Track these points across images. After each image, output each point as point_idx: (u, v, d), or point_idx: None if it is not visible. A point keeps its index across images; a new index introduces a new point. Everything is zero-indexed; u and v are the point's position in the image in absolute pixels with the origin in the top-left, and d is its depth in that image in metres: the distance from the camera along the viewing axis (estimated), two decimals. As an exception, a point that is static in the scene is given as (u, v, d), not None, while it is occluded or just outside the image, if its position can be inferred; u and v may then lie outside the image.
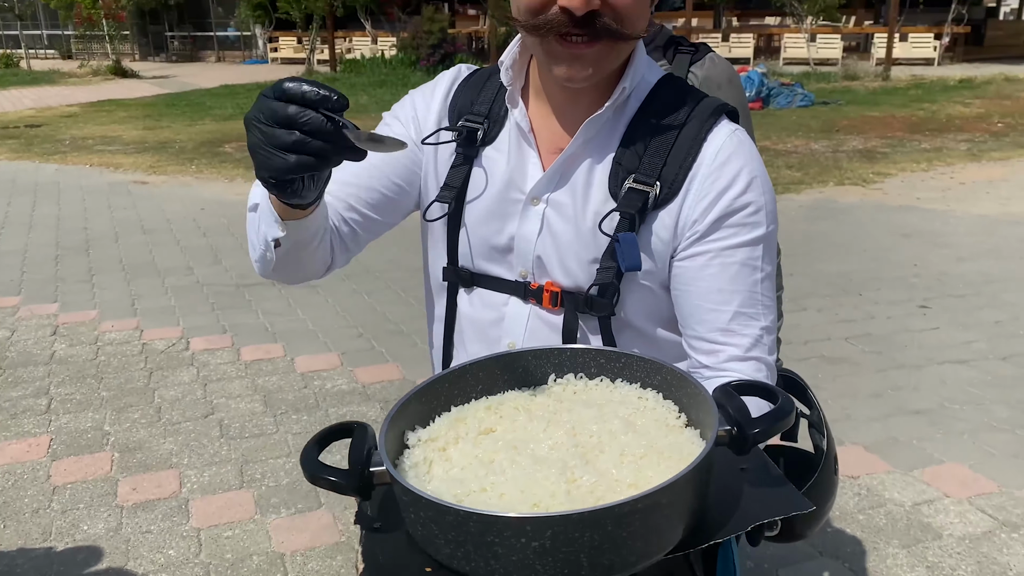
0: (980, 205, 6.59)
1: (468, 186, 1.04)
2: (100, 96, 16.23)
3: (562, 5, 0.86)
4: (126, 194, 7.46)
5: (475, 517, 0.61)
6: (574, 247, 0.99)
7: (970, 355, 3.80)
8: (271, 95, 0.72)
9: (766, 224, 0.97)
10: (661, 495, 0.61)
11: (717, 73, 1.52)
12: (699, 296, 0.97)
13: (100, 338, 4.13)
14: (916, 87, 15.37)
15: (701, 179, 0.95)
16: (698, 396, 0.74)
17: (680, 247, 0.97)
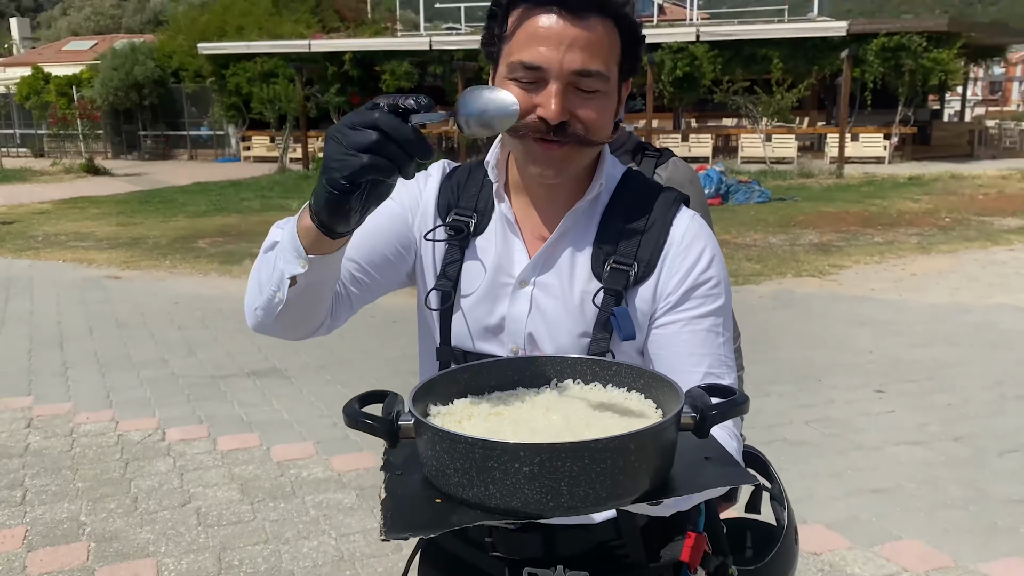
0: (930, 295, 6.90)
1: (462, 274, 1.16)
2: (72, 193, 16.39)
3: (540, 115, 1.01)
4: (100, 289, 7.53)
5: (480, 443, 0.76)
6: (564, 322, 1.12)
7: (925, 437, 3.96)
8: (360, 109, 0.84)
9: (725, 296, 1.13)
10: (629, 440, 0.76)
11: (679, 175, 1.70)
12: (674, 359, 1.11)
13: (75, 430, 4.15)
14: (868, 184, 16.10)
15: (672, 258, 1.10)
16: (672, 391, 0.89)
17: (656, 316, 1.11)
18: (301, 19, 29.38)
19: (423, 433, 0.82)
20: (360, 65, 24.11)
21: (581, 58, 1.00)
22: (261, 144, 26.09)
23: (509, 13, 1.04)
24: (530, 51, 1.00)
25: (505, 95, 0.89)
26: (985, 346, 5.43)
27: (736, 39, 21.67)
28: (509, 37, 1.04)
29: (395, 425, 0.83)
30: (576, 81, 1.01)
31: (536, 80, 1.01)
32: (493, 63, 1.09)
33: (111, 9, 54.94)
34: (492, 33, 1.07)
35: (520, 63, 1.01)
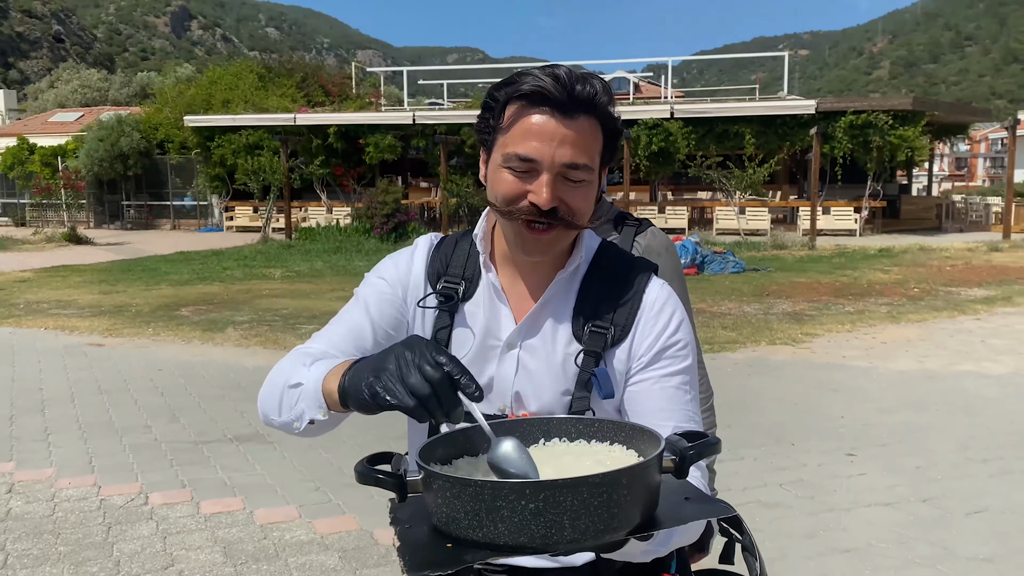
0: (900, 362, 7.09)
1: (452, 340, 1.27)
2: (54, 262, 16.43)
3: (532, 200, 1.14)
4: (82, 356, 7.56)
5: (488, 485, 0.85)
6: (548, 382, 1.23)
7: (894, 498, 4.08)
8: (430, 351, 0.94)
9: (692, 356, 1.26)
10: (621, 475, 0.86)
11: (657, 243, 1.83)
12: (647, 414, 1.22)
13: (57, 495, 4.16)
14: (839, 255, 16.51)
15: (644, 322, 1.23)
16: (652, 439, 0.99)
17: (630, 375, 1.24)
18: (287, 93, 30.05)
19: (434, 483, 0.89)
20: (344, 138, 24.62)
21: (570, 153, 1.13)
22: (244, 214, 26.35)
23: (506, 108, 1.16)
24: (525, 144, 1.13)
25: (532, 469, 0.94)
26: (952, 411, 5.60)
27: (709, 116, 22.43)
28: (505, 129, 1.16)
29: (404, 480, 0.91)
30: (565, 172, 1.14)
31: (529, 170, 1.14)
32: (486, 149, 1.22)
33: (98, 82, 55.82)
34: (487, 123, 1.19)
35: (515, 155, 1.13)
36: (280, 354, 7.68)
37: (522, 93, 1.14)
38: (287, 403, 1.13)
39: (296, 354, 1.22)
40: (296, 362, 1.17)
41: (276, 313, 9.84)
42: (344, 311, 1.31)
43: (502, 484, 0.85)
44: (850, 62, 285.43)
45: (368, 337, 1.26)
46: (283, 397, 1.14)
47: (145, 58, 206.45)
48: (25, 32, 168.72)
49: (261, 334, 8.48)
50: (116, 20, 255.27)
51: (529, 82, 1.13)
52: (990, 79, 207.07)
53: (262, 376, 1.03)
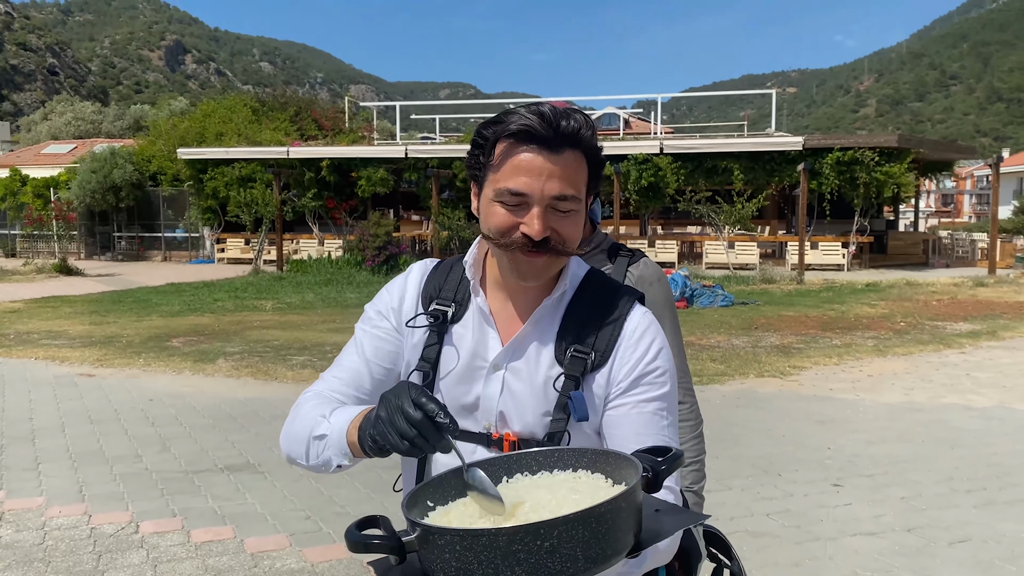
0: (886, 395, 7.17)
1: (441, 357, 1.34)
2: (45, 293, 16.41)
3: (524, 231, 1.21)
4: (72, 386, 7.56)
5: (504, 532, 0.87)
6: (530, 403, 1.28)
7: (879, 528, 4.13)
8: (411, 395, 1.02)
9: (670, 383, 1.31)
10: (622, 499, 0.90)
11: (649, 273, 1.91)
12: (623, 437, 1.27)
13: (47, 523, 4.17)
14: (827, 290, 16.67)
15: (624, 349, 1.28)
16: (618, 459, 1.02)
17: (609, 400, 1.29)
18: (280, 127, 30.27)
19: (439, 539, 0.89)
20: (337, 171, 24.79)
21: (558, 186, 1.21)
22: (235, 246, 26.39)
23: (496, 146, 1.24)
24: (515, 180, 1.21)
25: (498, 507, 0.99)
26: (937, 443, 5.66)
27: (698, 152, 22.73)
28: (496, 167, 1.24)
29: (400, 540, 0.94)
30: (554, 204, 1.22)
31: (520, 203, 1.21)
32: (477, 184, 1.30)
33: (92, 114, 56.08)
34: (478, 160, 1.27)
35: (507, 190, 1.21)
36: (271, 385, 7.65)
37: (510, 132, 1.21)
38: (314, 452, 1.24)
39: (314, 402, 1.32)
40: (316, 411, 1.27)
41: (267, 344, 9.86)
42: (344, 352, 1.42)
43: (517, 529, 0.86)
44: (837, 100, 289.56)
45: (365, 379, 1.36)
46: (309, 447, 1.25)
47: (139, 91, 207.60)
48: (20, 64, 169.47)
49: (252, 365, 8.50)
50: (111, 53, 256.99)
51: (516, 121, 1.21)
52: (974, 117, 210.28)
53: (253, 407, 1.08)
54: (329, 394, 1.34)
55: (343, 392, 1.35)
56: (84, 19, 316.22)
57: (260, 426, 6.09)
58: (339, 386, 1.35)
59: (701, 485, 1.89)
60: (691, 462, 1.87)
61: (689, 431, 1.89)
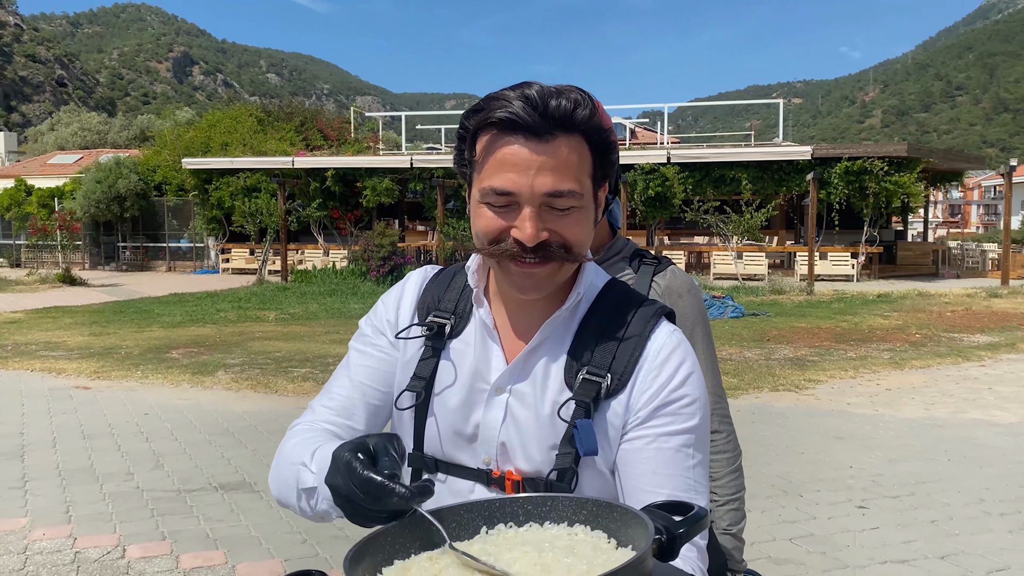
0: (906, 410, 6.92)
1: (436, 376, 1.13)
2: (47, 303, 16.26)
3: (515, 236, 1.01)
4: (67, 399, 7.35)
5: None
6: (535, 434, 1.07)
7: (911, 555, 3.88)
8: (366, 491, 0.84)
9: (700, 415, 1.08)
10: (624, 572, 0.70)
11: (678, 283, 1.67)
12: (637, 478, 1.05)
13: (29, 547, 3.95)
14: (838, 301, 16.41)
15: (645, 372, 1.06)
16: (625, 515, 0.82)
17: (625, 431, 1.06)
18: (285, 137, 30.21)
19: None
20: (342, 181, 24.66)
21: (551, 180, 1.00)
22: (240, 256, 26.27)
23: (476, 139, 1.05)
24: (500, 177, 1.01)
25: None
26: (964, 461, 5.42)
27: (706, 161, 22.53)
28: (479, 163, 1.04)
29: None
30: (549, 202, 1.01)
31: (509, 204, 1.01)
32: (468, 184, 1.09)
33: (98, 125, 56.25)
34: (462, 155, 1.08)
35: (491, 189, 1.01)
36: (271, 399, 7.45)
37: (491, 121, 1.01)
38: (307, 505, 1.06)
39: (296, 440, 1.13)
40: (298, 457, 1.08)
41: (268, 356, 9.65)
42: (334, 377, 1.23)
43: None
44: (843, 110, 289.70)
45: (358, 408, 1.18)
46: (300, 499, 1.07)
47: (147, 102, 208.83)
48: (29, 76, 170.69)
49: (252, 377, 8.29)
50: (119, 65, 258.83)
51: (498, 108, 1.01)
52: (981, 128, 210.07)
53: (251, 421, 0.92)
54: (319, 426, 1.15)
55: (334, 423, 1.16)
56: (93, 31, 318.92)
57: (258, 442, 5.88)
58: (330, 416, 1.17)
59: (741, 527, 1.66)
60: (728, 500, 1.65)
61: (726, 464, 1.66)
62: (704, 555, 1.07)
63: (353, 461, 0.85)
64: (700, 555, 1.06)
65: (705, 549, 1.09)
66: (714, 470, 1.66)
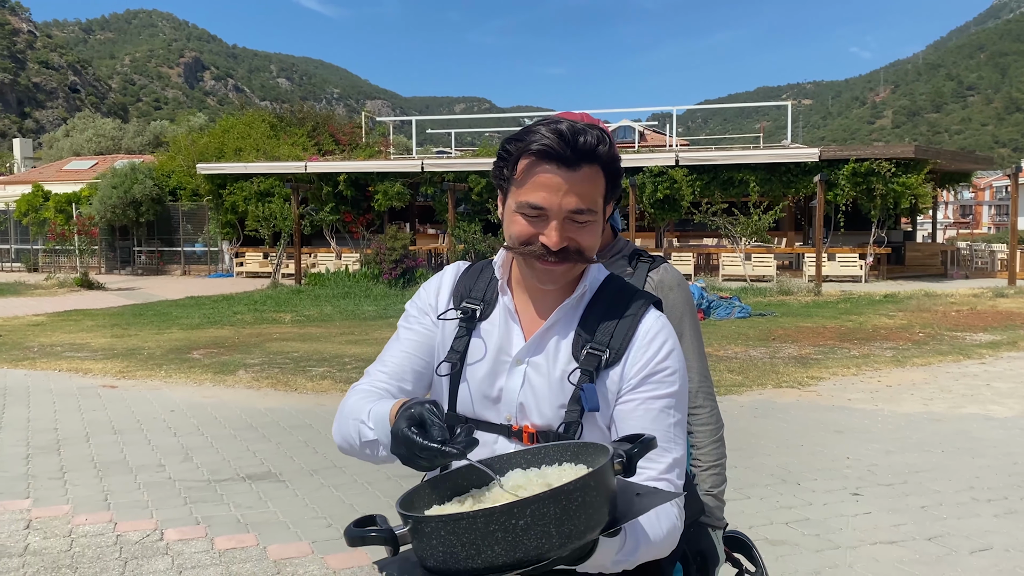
0: (905, 405, 7.14)
1: (468, 351, 1.43)
2: (67, 306, 16.62)
3: (543, 242, 1.31)
4: (96, 397, 7.66)
5: (480, 513, 0.95)
6: (547, 395, 1.37)
7: (900, 536, 4.12)
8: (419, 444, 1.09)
9: (679, 383, 1.38)
10: (590, 478, 0.97)
11: (669, 278, 1.93)
12: (629, 430, 1.33)
13: (74, 531, 4.24)
14: (845, 301, 16.58)
15: (636, 348, 1.36)
16: (596, 449, 1.10)
17: (620, 395, 1.36)
18: (298, 142, 30.55)
19: (426, 527, 0.98)
20: (354, 185, 24.98)
21: (575, 200, 1.30)
22: (254, 260, 26.61)
23: (518, 162, 1.33)
24: (535, 195, 1.30)
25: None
26: (957, 453, 5.64)
27: (714, 163, 22.72)
28: (518, 181, 1.33)
29: (395, 533, 1.04)
30: (572, 217, 1.31)
31: (539, 215, 1.31)
32: (502, 193, 1.39)
33: (112, 131, 56.82)
34: (502, 172, 1.37)
35: (527, 203, 1.31)
36: (291, 396, 7.73)
37: (531, 150, 1.30)
38: (370, 452, 1.33)
39: (354, 399, 1.41)
40: (357, 414, 1.35)
41: (287, 356, 9.95)
42: (387, 348, 1.52)
43: (492, 509, 0.95)
44: (853, 111, 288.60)
45: (407, 372, 1.46)
46: (364, 449, 1.33)
47: (158, 108, 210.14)
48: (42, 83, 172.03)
49: (272, 376, 8.58)
50: (130, 71, 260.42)
51: (537, 140, 1.30)
52: (992, 128, 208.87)
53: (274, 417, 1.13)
54: (373, 388, 1.43)
55: (388, 384, 1.44)
56: (105, 37, 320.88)
57: (281, 436, 6.16)
58: (384, 379, 1.45)
59: (721, 489, 1.91)
60: (711, 466, 1.90)
61: (709, 435, 1.92)
62: (677, 489, 1.35)
63: (411, 435, 1.12)
64: (671, 486, 1.33)
65: (677, 486, 1.35)
66: (699, 439, 1.92)
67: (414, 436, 1.11)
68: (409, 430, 1.12)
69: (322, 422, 6.57)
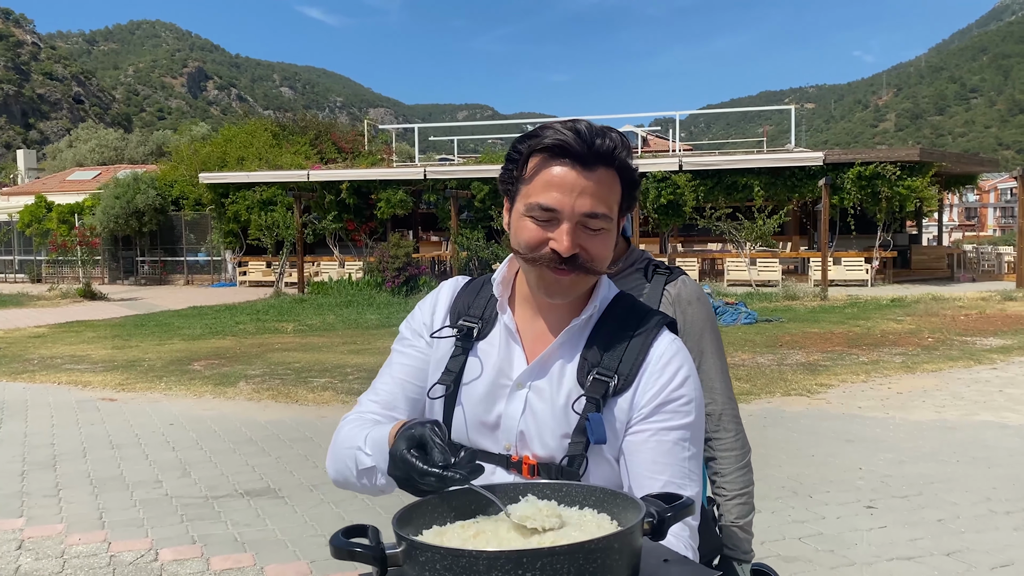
0: (917, 413, 7.00)
1: (464, 372, 1.31)
2: (69, 318, 16.55)
3: (553, 247, 1.19)
4: (94, 410, 7.56)
5: (485, 555, 0.84)
6: (550, 424, 1.24)
7: (917, 552, 3.99)
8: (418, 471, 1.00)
9: (695, 414, 1.25)
10: (614, 539, 0.86)
11: (688, 292, 1.79)
12: (639, 465, 1.22)
13: (67, 551, 4.13)
14: (852, 306, 16.44)
15: (648, 375, 1.23)
16: (626, 501, 0.98)
17: (630, 425, 1.23)
18: (300, 150, 30.54)
19: (421, 555, 0.88)
20: (357, 193, 24.92)
21: (590, 203, 1.18)
22: (257, 269, 26.56)
23: (529, 160, 1.22)
24: (547, 195, 1.19)
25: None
26: (972, 462, 5.50)
27: (717, 168, 22.62)
28: (528, 180, 1.22)
29: (384, 552, 0.92)
30: (584, 221, 1.19)
31: (550, 219, 1.19)
32: (509, 198, 1.27)
33: (115, 141, 56.97)
34: (511, 174, 1.25)
35: (538, 204, 1.19)
36: (292, 409, 7.63)
37: (544, 146, 1.19)
38: (367, 481, 1.23)
39: (348, 428, 1.30)
40: (352, 442, 1.26)
41: (288, 367, 9.84)
42: (379, 375, 1.41)
43: (499, 554, 0.84)
44: (856, 115, 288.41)
45: (400, 401, 1.36)
46: (360, 478, 1.24)
47: (162, 117, 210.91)
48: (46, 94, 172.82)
49: (273, 388, 8.47)
50: (134, 81, 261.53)
51: (551, 136, 1.19)
52: (996, 130, 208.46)
53: (274, 430, 1.04)
54: (368, 417, 1.33)
55: (380, 414, 1.34)
56: (108, 48, 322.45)
57: (281, 450, 6.05)
58: (376, 408, 1.35)
59: (748, 520, 1.79)
60: (737, 494, 1.78)
61: (735, 461, 1.79)
62: (695, 535, 1.24)
63: (410, 458, 1.02)
64: (692, 534, 1.23)
65: (696, 530, 1.24)
66: (723, 466, 1.79)
67: (414, 459, 1.01)
68: (409, 452, 1.02)
69: (323, 435, 6.46)
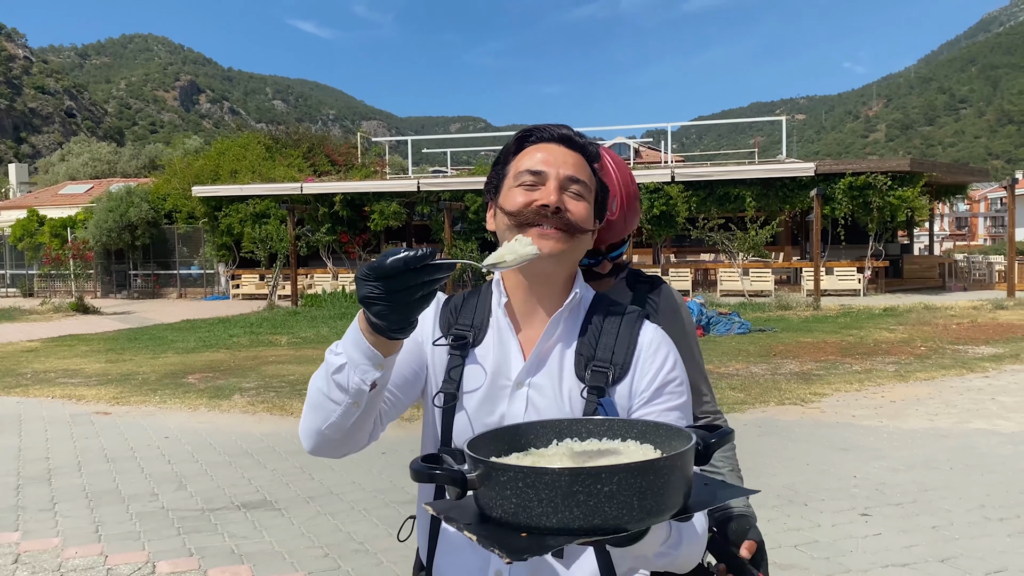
0: (910, 421, 7.04)
1: (463, 378, 1.36)
2: (61, 332, 16.50)
3: (542, 201, 1.31)
4: (89, 424, 7.54)
5: (567, 472, 0.89)
6: (555, 416, 1.29)
7: (911, 559, 4.01)
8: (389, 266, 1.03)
9: (687, 394, 1.35)
10: (677, 459, 0.92)
11: (669, 300, 1.89)
12: None
13: (63, 564, 4.12)
14: (844, 315, 16.51)
15: (642, 361, 1.32)
16: (670, 432, 1.04)
17: (632, 410, 1.31)
18: (293, 163, 30.54)
19: (502, 475, 0.92)
20: (350, 206, 24.94)
21: (572, 169, 1.35)
22: (250, 282, 26.51)
23: (518, 151, 1.39)
24: (533, 160, 1.36)
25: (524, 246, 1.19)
26: (966, 470, 5.54)
27: (709, 179, 22.73)
28: (516, 154, 1.39)
29: (463, 475, 0.97)
30: (567, 184, 1.34)
31: (536, 183, 1.33)
32: (494, 197, 1.39)
33: (108, 155, 56.89)
34: (498, 172, 1.40)
35: (527, 170, 1.34)
36: (287, 421, 7.61)
37: (531, 134, 1.39)
38: (338, 394, 1.18)
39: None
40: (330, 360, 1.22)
41: (283, 379, 9.83)
42: None
43: (581, 470, 0.89)
44: (846, 125, 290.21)
45: (400, 372, 1.36)
46: (330, 394, 1.19)
47: (154, 131, 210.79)
48: (38, 108, 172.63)
49: (268, 400, 8.46)
50: (126, 95, 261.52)
51: (539, 130, 1.39)
52: (985, 140, 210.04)
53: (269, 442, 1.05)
54: None
55: None
56: (100, 62, 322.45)
57: (277, 462, 6.04)
58: None
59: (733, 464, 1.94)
60: (732, 469, 1.93)
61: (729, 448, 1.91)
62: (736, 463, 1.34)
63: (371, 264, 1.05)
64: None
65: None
66: (721, 464, 1.88)
67: (374, 263, 1.04)
68: (368, 266, 1.06)
69: (319, 447, 6.45)
